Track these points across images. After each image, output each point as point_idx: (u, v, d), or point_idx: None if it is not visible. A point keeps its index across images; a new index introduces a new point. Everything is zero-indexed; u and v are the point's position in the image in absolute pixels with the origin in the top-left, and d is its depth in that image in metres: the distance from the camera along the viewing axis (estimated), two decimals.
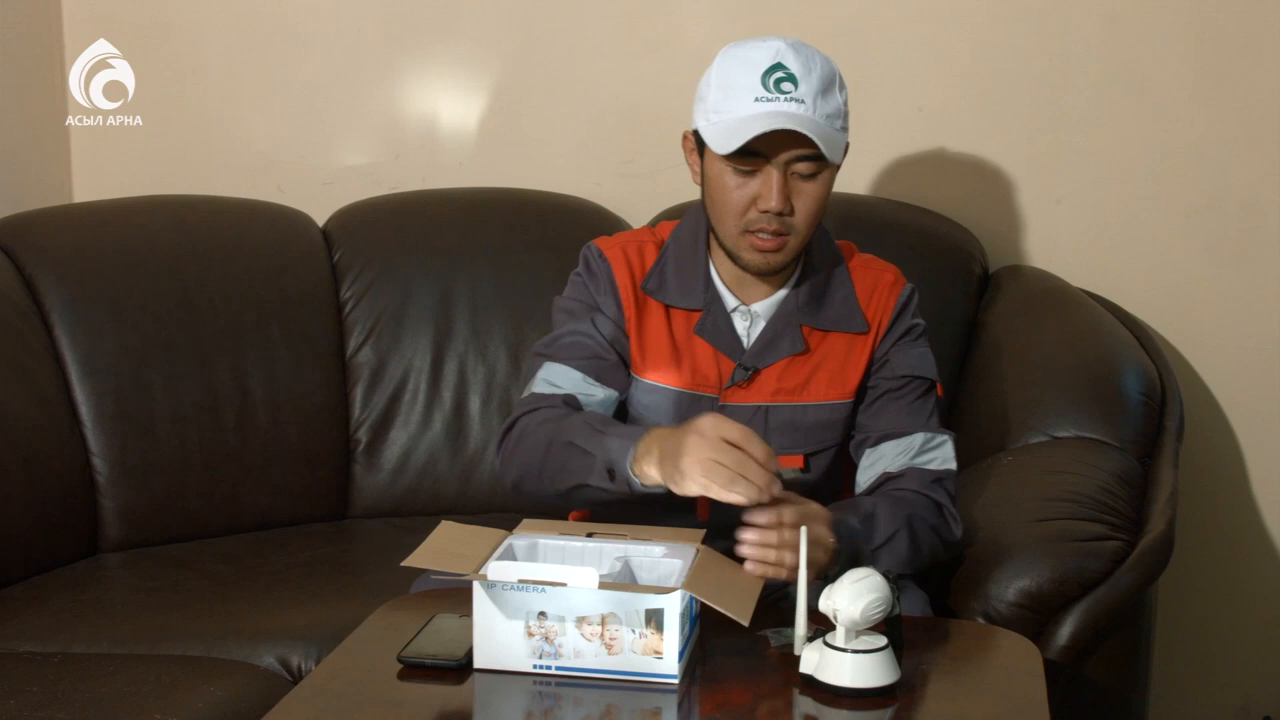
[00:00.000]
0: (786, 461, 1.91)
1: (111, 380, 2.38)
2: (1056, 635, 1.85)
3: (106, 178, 2.79)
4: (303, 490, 2.50)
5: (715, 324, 1.90)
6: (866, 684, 1.51)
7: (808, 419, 1.91)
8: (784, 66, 1.78)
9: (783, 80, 1.78)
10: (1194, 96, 2.60)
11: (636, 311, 1.91)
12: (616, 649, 1.53)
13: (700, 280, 1.91)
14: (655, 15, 2.69)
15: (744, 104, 1.79)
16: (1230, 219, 2.62)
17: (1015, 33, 2.62)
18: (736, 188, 1.81)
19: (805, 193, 1.81)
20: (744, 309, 1.91)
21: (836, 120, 1.81)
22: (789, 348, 1.90)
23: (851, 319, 1.91)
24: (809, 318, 1.91)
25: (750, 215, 1.82)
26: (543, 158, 2.73)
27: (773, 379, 1.90)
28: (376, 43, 2.77)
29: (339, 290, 2.58)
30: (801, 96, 1.78)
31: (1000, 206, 2.65)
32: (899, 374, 1.91)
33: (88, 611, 2.11)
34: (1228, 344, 2.64)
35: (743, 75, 1.80)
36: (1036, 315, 2.45)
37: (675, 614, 1.51)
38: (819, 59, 1.81)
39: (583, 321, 1.91)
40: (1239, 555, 2.72)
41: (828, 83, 1.80)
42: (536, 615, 1.53)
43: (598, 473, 1.71)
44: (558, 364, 1.89)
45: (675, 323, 1.92)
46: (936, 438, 1.89)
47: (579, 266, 1.96)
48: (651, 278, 1.92)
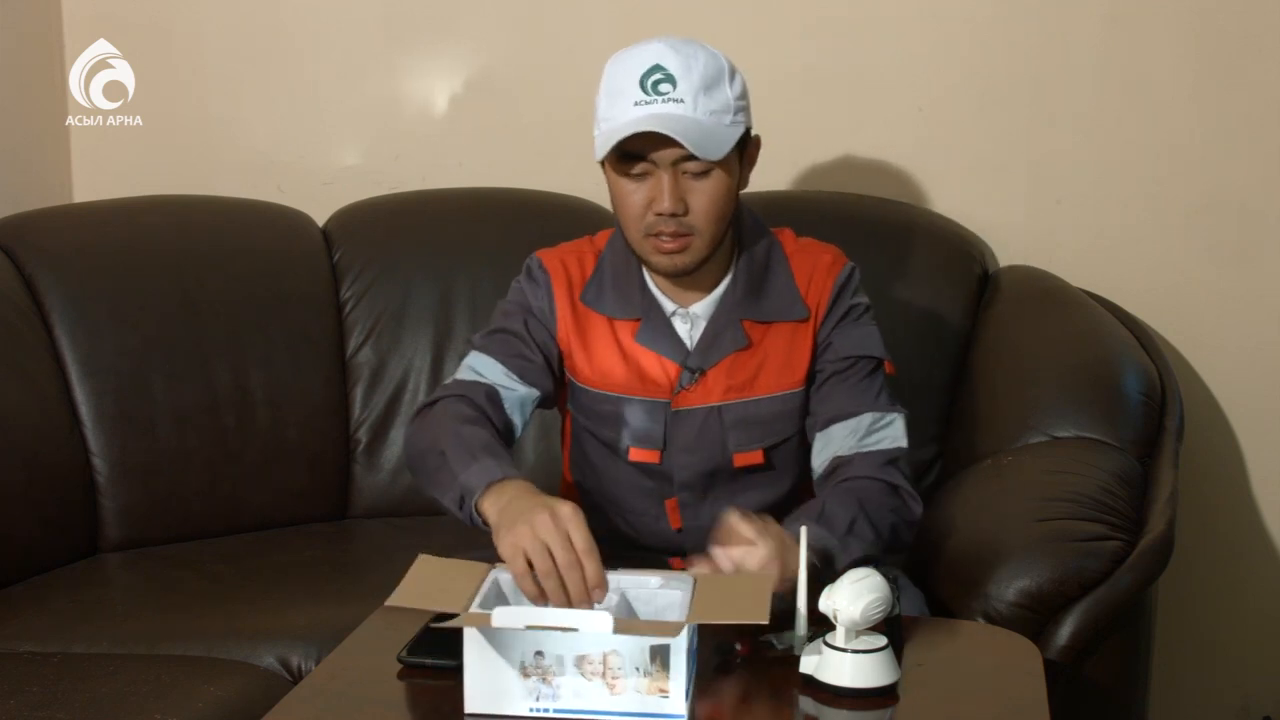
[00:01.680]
0: (745, 459, 1.91)
1: (111, 380, 2.38)
2: (1056, 635, 1.85)
3: (106, 178, 2.79)
4: (303, 490, 2.50)
5: (655, 330, 1.90)
6: (866, 684, 1.51)
7: (761, 412, 1.91)
8: (662, 68, 1.78)
9: (660, 82, 1.78)
10: (1194, 96, 2.59)
11: (575, 324, 1.92)
12: (619, 689, 1.44)
13: (635, 288, 1.91)
14: (655, 15, 2.69)
15: (624, 109, 1.78)
16: (1230, 219, 2.62)
17: (1015, 33, 2.62)
18: (632, 193, 1.81)
19: (699, 190, 1.80)
20: (683, 312, 1.91)
21: (725, 115, 1.79)
22: (731, 344, 1.89)
23: (792, 307, 1.91)
24: (749, 311, 1.90)
25: (649, 219, 1.81)
26: (543, 158, 2.73)
27: (721, 378, 1.89)
28: (376, 43, 2.77)
29: (339, 290, 2.58)
30: (680, 96, 1.77)
31: (1000, 206, 2.65)
32: (842, 355, 1.90)
33: (88, 611, 2.11)
34: (1228, 344, 2.64)
35: (623, 80, 1.80)
36: (1036, 315, 2.45)
37: (682, 651, 1.44)
38: (703, 56, 1.80)
39: (515, 321, 1.93)
40: (1239, 555, 2.72)
41: (711, 79, 1.79)
42: (533, 655, 1.44)
43: (451, 495, 1.70)
44: (484, 355, 1.91)
45: (619, 332, 1.92)
46: (886, 416, 1.88)
47: (521, 275, 1.97)
48: (589, 289, 1.92)
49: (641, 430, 1.92)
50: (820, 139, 2.66)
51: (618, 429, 1.92)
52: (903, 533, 1.84)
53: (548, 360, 1.93)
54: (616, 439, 1.94)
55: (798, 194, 2.61)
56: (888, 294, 2.41)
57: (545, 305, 1.93)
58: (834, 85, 2.66)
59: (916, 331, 2.45)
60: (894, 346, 1.96)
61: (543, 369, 1.92)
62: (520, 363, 1.91)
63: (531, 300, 1.94)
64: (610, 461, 1.96)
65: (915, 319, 2.46)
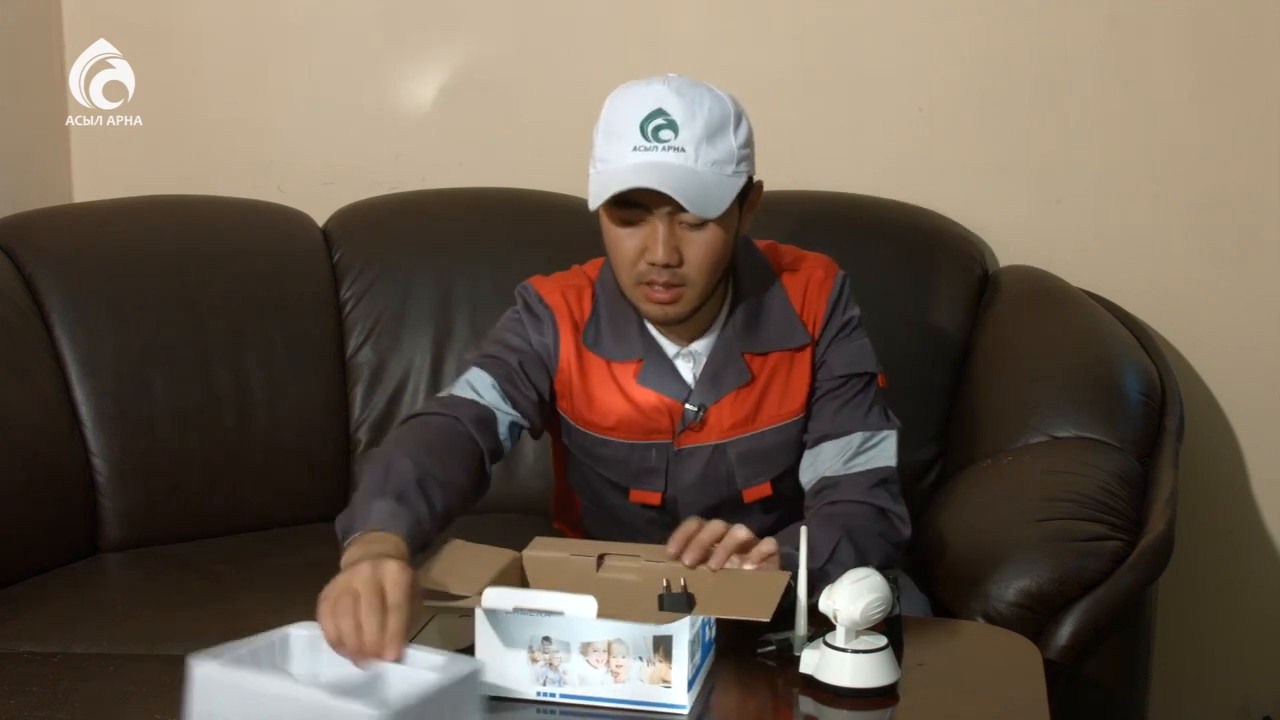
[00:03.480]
0: (755, 493, 1.88)
1: (111, 380, 2.38)
2: (1056, 635, 1.85)
3: (106, 178, 2.79)
4: (303, 490, 2.50)
5: (657, 371, 1.85)
6: (866, 684, 1.51)
7: (764, 444, 1.87)
8: (664, 113, 1.71)
9: (661, 128, 1.71)
10: (1194, 96, 2.60)
11: (579, 365, 1.86)
12: (623, 677, 1.46)
13: (634, 329, 1.85)
14: (655, 15, 2.69)
15: (623, 153, 1.72)
16: (1230, 219, 2.62)
17: (1015, 33, 2.62)
18: (624, 239, 1.75)
19: (695, 242, 1.73)
20: (685, 352, 1.86)
21: (726, 166, 1.72)
22: (735, 380, 1.85)
23: (792, 333, 1.86)
24: (748, 344, 1.85)
25: (641, 267, 1.74)
26: (543, 158, 2.73)
27: (724, 415, 1.85)
28: (376, 43, 2.77)
29: (339, 290, 2.58)
30: (682, 144, 1.70)
31: (1000, 206, 2.65)
32: (836, 374, 1.86)
33: (88, 611, 2.11)
34: (1228, 344, 2.64)
35: (624, 123, 1.72)
36: (1036, 315, 2.45)
37: (684, 642, 1.45)
38: (708, 101, 1.72)
39: (512, 356, 1.85)
40: (1239, 555, 2.72)
41: (716, 126, 1.72)
42: (541, 640, 1.47)
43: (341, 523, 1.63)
44: (484, 374, 1.83)
45: (618, 374, 1.86)
46: (876, 435, 1.84)
47: (518, 305, 1.90)
48: (589, 331, 1.86)
49: (642, 473, 1.88)
50: (820, 139, 2.67)
51: (617, 471, 1.89)
52: (891, 554, 1.80)
53: (539, 399, 1.86)
54: (616, 480, 1.91)
55: (798, 194, 2.61)
56: (887, 294, 2.41)
57: (550, 343, 1.87)
58: (834, 85, 2.66)
59: (916, 331, 2.45)
60: (893, 347, 1.96)
61: (534, 405, 1.86)
62: (514, 390, 1.84)
63: (533, 337, 1.87)
64: (610, 491, 1.94)
65: (915, 319, 2.46)
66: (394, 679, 1.38)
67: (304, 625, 1.47)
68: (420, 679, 1.35)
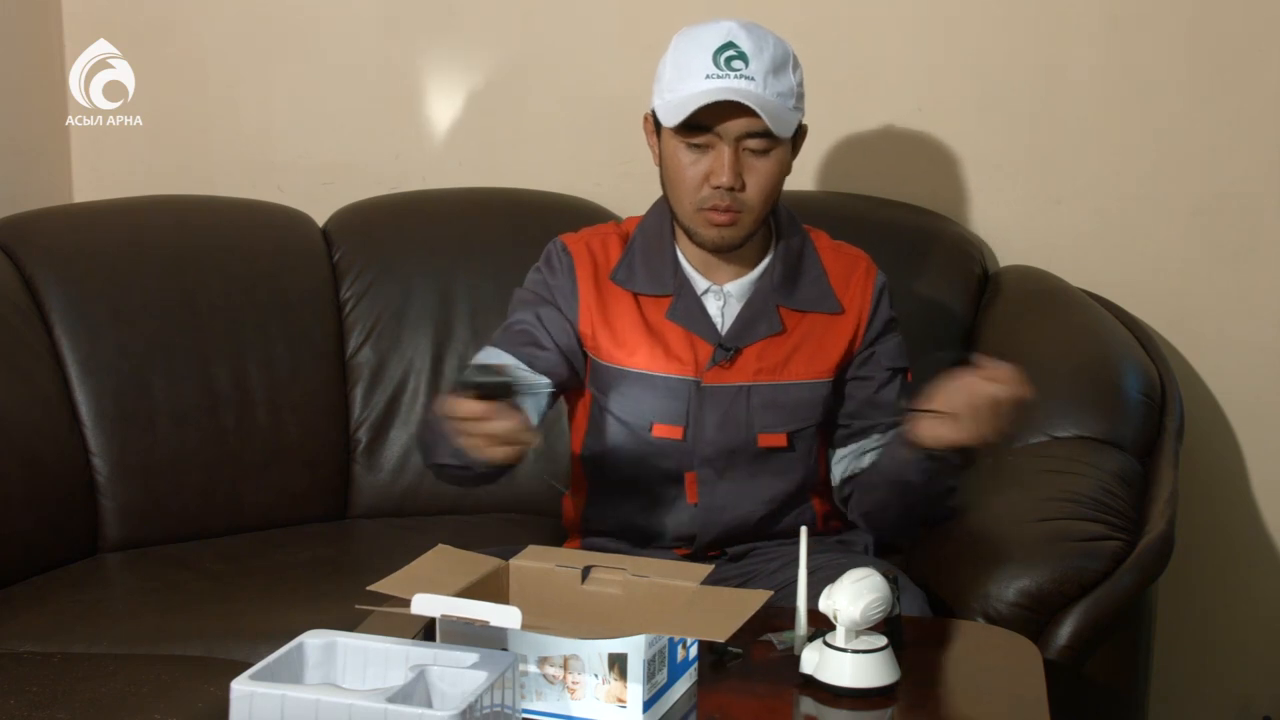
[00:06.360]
0: (770, 440, 1.93)
1: (111, 380, 2.38)
2: (1056, 635, 1.86)
3: (106, 178, 2.79)
4: (303, 490, 2.50)
5: (687, 307, 1.93)
6: (866, 684, 1.51)
7: (789, 398, 1.94)
8: (735, 45, 1.82)
9: (733, 59, 1.82)
10: (1194, 96, 2.59)
11: (599, 302, 1.94)
12: (579, 694, 1.43)
13: (668, 266, 1.94)
14: (655, 15, 2.68)
15: (695, 81, 1.83)
16: (1230, 219, 2.62)
17: (1015, 33, 2.62)
18: (690, 164, 1.85)
19: (757, 169, 1.85)
20: (716, 289, 1.94)
21: (789, 99, 1.85)
22: (767, 329, 1.93)
23: (825, 300, 1.96)
24: (784, 298, 1.94)
25: (704, 192, 1.85)
26: (543, 158, 2.73)
27: (753, 359, 1.93)
28: (376, 42, 2.77)
29: (339, 290, 2.58)
30: (752, 74, 1.81)
31: (1000, 206, 2.65)
32: (885, 367, 1.97)
33: (88, 611, 2.11)
34: (1228, 344, 2.64)
35: (695, 54, 1.83)
36: (1036, 315, 2.44)
37: (639, 661, 1.41)
38: (771, 39, 1.85)
39: (529, 312, 1.96)
40: (1239, 555, 2.72)
41: (780, 62, 1.84)
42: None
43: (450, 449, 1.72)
44: (493, 348, 1.95)
45: (646, 310, 1.94)
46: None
47: (540, 261, 2.01)
48: (620, 269, 1.96)
49: (666, 407, 1.93)
50: (820, 139, 2.66)
51: (642, 405, 1.94)
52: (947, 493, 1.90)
53: (561, 348, 1.95)
54: (640, 415, 1.95)
55: (797, 194, 2.60)
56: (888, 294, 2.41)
57: (567, 286, 1.96)
58: (834, 85, 2.65)
59: (917, 331, 2.43)
60: None
61: (556, 357, 1.95)
62: (531, 351, 1.93)
63: (550, 282, 1.97)
64: (629, 440, 1.97)
65: (916, 319, 2.45)
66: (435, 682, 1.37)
67: (316, 633, 1.46)
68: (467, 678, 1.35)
